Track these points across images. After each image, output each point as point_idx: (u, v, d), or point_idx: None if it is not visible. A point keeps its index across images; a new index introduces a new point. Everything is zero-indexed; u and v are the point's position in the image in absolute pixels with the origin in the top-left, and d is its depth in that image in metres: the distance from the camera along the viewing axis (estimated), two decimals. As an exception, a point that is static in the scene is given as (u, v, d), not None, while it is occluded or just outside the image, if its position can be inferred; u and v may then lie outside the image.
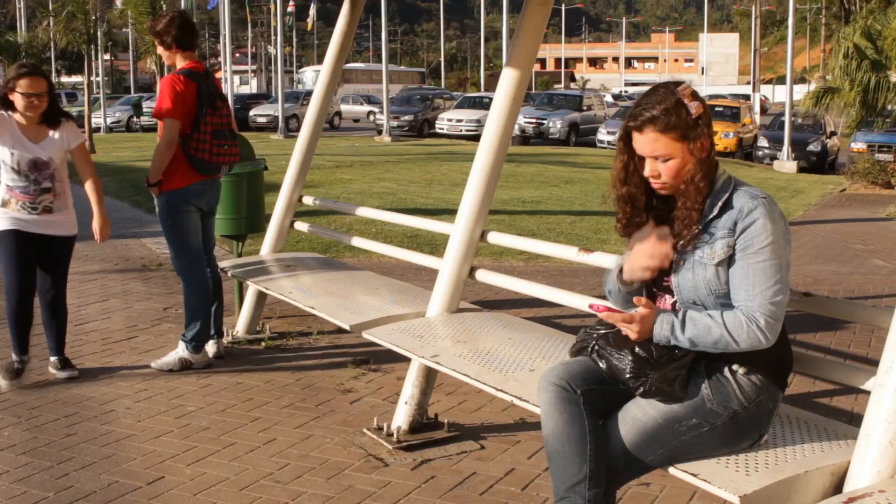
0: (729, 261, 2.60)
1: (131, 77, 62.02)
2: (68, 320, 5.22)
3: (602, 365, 2.69)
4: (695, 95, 2.64)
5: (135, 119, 36.27)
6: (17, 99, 4.81)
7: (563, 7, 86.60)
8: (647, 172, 2.68)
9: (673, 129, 2.60)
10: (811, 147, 23.72)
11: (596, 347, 2.72)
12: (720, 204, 2.62)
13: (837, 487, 2.56)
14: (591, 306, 2.69)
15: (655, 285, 2.78)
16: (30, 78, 4.82)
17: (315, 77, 33.44)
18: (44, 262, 5.01)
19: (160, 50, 5.23)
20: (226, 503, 3.61)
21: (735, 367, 2.63)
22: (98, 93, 37.98)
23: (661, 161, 2.63)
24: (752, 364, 2.63)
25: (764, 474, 2.52)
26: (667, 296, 2.75)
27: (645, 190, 2.75)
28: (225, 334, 5.78)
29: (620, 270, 2.82)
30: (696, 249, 2.63)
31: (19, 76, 4.82)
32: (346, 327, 4.47)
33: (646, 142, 2.63)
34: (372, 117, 42.48)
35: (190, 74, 5.10)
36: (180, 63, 5.17)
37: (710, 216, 2.62)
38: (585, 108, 31.69)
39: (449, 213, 7.57)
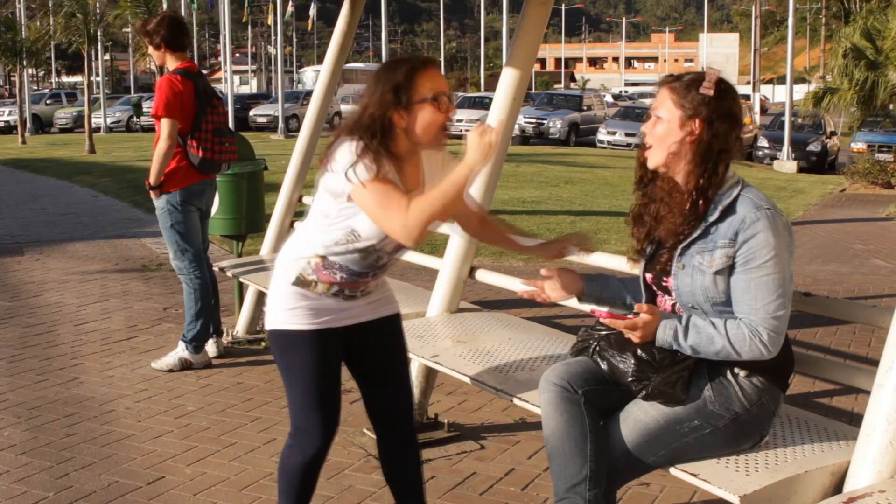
0: (728, 271, 2.57)
1: (131, 77, 62.07)
2: (68, 320, 5.07)
3: (603, 366, 2.68)
4: (718, 85, 2.59)
5: (135, 119, 36.30)
6: (427, 117, 2.66)
7: (563, 7, 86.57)
8: (643, 127, 2.72)
9: (678, 94, 2.61)
10: (811, 147, 23.74)
11: (597, 348, 2.71)
12: (721, 208, 2.59)
13: (837, 487, 2.56)
14: (592, 311, 2.69)
15: (656, 285, 2.78)
16: (431, 70, 2.71)
17: (315, 77, 33.43)
18: (373, 363, 2.98)
19: (150, 50, 5.23)
20: (226, 503, 3.61)
21: (736, 369, 2.63)
22: (98, 93, 38.02)
23: (656, 119, 2.66)
24: (753, 367, 2.62)
25: (764, 474, 2.52)
26: (666, 297, 2.75)
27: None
28: (225, 334, 5.78)
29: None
30: (696, 255, 2.62)
31: (414, 71, 2.66)
32: (346, 327, 4.46)
33: (657, 96, 2.68)
34: (372, 117, 42.38)
35: (186, 74, 5.11)
36: (171, 63, 5.18)
37: (712, 219, 2.60)
38: (585, 108, 31.70)
39: (449, 213, 7.58)
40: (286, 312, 2.79)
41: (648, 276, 2.79)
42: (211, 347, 5.47)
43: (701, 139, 2.59)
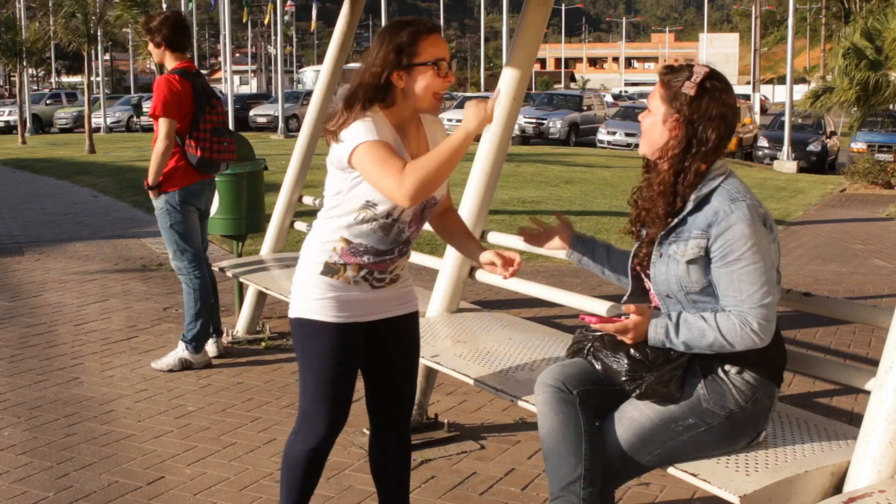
0: (703, 261, 2.58)
1: (131, 77, 62.10)
2: (68, 320, 5.07)
3: (598, 367, 2.69)
4: (703, 84, 2.60)
5: (135, 119, 36.29)
6: (426, 81, 2.67)
7: (563, 7, 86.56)
8: (640, 115, 2.77)
9: (668, 88, 2.64)
10: (811, 147, 23.74)
11: (591, 349, 2.72)
12: (696, 198, 2.60)
13: (837, 487, 2.56)
14: (581, 317, 2.70)
15: (643, 273, 2.78)
16: (436, 35, 2.70)
17: (315, 77, 33.42)
18: (388, 362, 2.96)
19: (150, 47, 5.23)
20: (226, 503, 3.61)
21: (727, 366, 2.63)
22: (98, 93, 38.01)
23: (647, 111, 2.70)
24: (744, 363, 2.62)
25: (764, 474, 2.52)
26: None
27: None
28: (225, 334, 5.78)
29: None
30: (673, 244, 2.63)
31: (418, 35, 2.66)
32: (346, 327, 4.46)
33: (653, 89, 2.71)
34: (372, 117, 42.34)
35: (185, 74, 5.11)
36: (170, 63, 5.18)
37: (688, 209, 2.61)
38: (585, 108, 31.70)
39: (449, 213, 7.63)
40: (314, 302, 2.76)
41: (637, 266, 2.81)
42: (211, 347, 5.47)
43: (678, 137, 2.61)
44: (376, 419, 3.02)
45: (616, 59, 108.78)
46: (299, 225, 6.28)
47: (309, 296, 2.78)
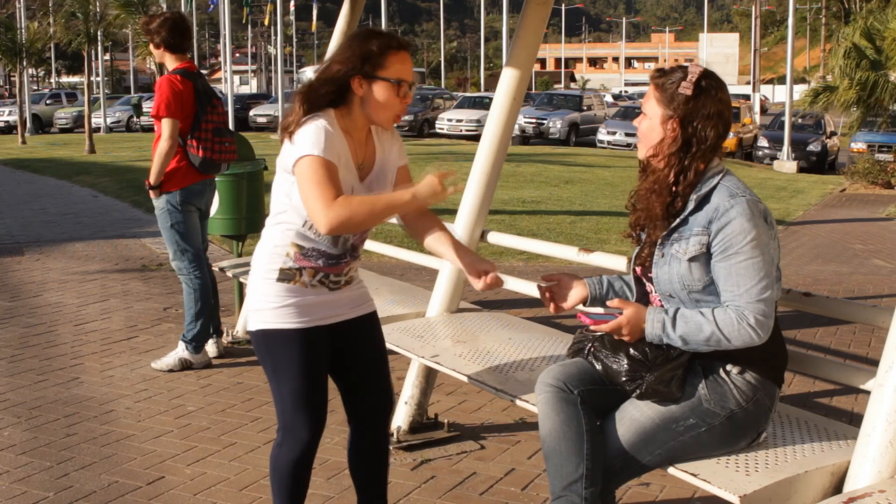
0: (704, 258, 2.58)
1: (131, 77, 62.08)
2: (68, 320, 5.05)
3: (598, 367, 2.69)
4: (699, 83, 2.60)
5: (135, 119, 36.29)
6: (384, 97, 2.69)
7: (563, 7, 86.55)
8: (634, 121, 2.77)
9: (662, 90, 2.64)
10: (811, 147, 23.76)
11: (591, 349, 2.73)
12: (696, 197, 2.61)
13: (837, 487, 2.56)
14: (578, 316, 2.69)
15: (645, 277, 2.79)
16: (405, 54, 2.73)
17: (315, 77, 33.34)
18: (359, 363, 2.98)
19: (151, 47, 5.24)
20: (226, 503, 3.61)
21: (729, 366, 2.63)
22: (98, 93, 38.00)
23: (642, 115, 2.70)
24: (744, 363, 2.62)
25: (764, 474, 2.52)
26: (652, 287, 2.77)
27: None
28: (225, 334, 5.78)
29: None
30: (675, 243, 2.64)
31: (388, 48, 2.67)
32: (346, 327, 4.46)
33: (647, 91, 2.71)
34: (372, 117, 42.33)
35: (186, 74, 5.11)
36: (171, 63, 5.18)
37: (689, 209, 2.62)
38: (585, 108, 31.72)
39: (449, 213, 7.61)
40: (274, 311, 2.74)
41: (638, 268, 2.81)
42: (211, 347, 5.47)
43: (678, 138, 2.62)
44: (355, 422, 3.03)
45: (616, 59, 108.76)
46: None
47: (269, 304, 2.75)
